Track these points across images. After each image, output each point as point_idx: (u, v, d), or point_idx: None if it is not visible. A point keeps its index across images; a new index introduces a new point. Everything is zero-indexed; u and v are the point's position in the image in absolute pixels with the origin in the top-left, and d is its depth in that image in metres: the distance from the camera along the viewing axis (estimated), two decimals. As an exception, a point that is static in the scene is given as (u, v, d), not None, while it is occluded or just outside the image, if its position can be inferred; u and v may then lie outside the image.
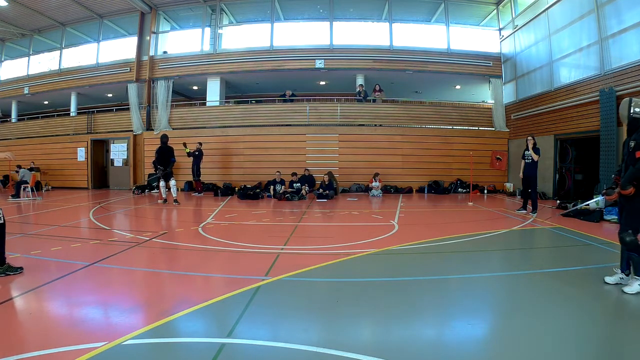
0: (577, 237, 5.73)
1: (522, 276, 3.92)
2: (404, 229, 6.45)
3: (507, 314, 3.02)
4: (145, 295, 3.37)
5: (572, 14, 10.38)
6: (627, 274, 3.51)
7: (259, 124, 14.21)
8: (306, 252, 4.80)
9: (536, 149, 8.09)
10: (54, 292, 3.35)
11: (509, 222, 7.16)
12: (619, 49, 8.85)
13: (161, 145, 10.14)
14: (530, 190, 8.21)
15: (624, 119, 3.58)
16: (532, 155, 8.03)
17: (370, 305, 3.13)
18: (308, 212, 8.76)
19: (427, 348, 2.44)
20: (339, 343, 2.40)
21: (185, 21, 16.23)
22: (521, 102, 13.18)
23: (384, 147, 13.46)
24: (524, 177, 8.24)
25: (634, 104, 3.50)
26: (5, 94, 17.51)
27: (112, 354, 2.23)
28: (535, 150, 8.07)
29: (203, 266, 4.37)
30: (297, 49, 14.51)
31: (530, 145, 8.10)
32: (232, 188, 12.68)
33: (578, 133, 10.38)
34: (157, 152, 10.09)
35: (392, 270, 4.11)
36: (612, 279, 3.59)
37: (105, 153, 16.00)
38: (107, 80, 15.64)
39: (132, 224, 7.43)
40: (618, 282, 3.54)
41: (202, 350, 2.33)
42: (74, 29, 16.49)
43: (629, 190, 3.37)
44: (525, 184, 8.36)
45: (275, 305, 3.07)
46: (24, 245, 5.11)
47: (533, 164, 8.05)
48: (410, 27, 15.20)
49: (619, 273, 3.58)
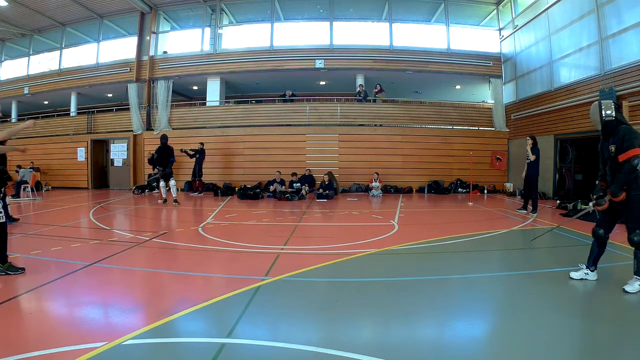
0: (577, 237, 5.73)
1: (522, 276, 3.92)
2: (404, 229, 6.45)
3: (507, 314, 3.02)
4: (145, 295, 3.37)
5: (572, 14, 10.37)
6: (592, 270, 3.65)
7: (259, 124, 14.20)
8: (306, 252, 4.80)
9: (535, 149, 8.11)
10: (54, 292, 3.35)
11: (509, 222, 7.16)
12: (619, 49, 8.85)
13: (160, 146, 10.14)
14: (531, 190, 8.24)
15: (597, 123, 3.59)
16: (529, 156, 8.12)
17: (370, 305, 3.13)
18: (308, 212, 8.76)
19: (427, 348, 2.44)
20: (339, 343, 2.40)
21: (185, 21, 16.23)
22: (521, 102, 13.18)
23: (384, 147, 13.45)
24: (525, 177, 8.27)
25: (604, 107, 3.49)
26: (5, 94, 17.50)
27: (112, 354, 2.23)
28: (534, 150, 8.10)
29: (203, 266, 4.37)
30: (297, 49, 14.51)
31: (529, 146, 8.16)
32: (232, 188, 12.68)
33: (578, 133, 10.38)
34: (157, 152, 10.13)
35: (392, 270, 4.11)
36: (577, 274, 3.70)
37: (105, 153, 15.99)
38: (107, 80, 15.64)
39: (132, 224, 7.43)
40: (583, 278, 3.65)
41: (202, 350, 2.33)
42: (74, 29, 16.49)
43: (620, 196, 3.38)
44: (525, 184, 8.40)
45: (275, 305, 3.07)
46: (24, 245, 5.11)
47: (532, 164, 8.10)
48: (410, 27, 15.20)
49: (584, 269, 3.69)
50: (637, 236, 3.31)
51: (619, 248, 5.09)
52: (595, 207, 3.70)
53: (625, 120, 3.49)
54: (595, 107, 3.57)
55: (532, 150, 8.09)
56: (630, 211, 3.42)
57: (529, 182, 8.21)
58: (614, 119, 3.43)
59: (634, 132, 3.33)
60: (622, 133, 3.34)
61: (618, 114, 3.47)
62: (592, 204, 3.79)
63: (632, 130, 3.36)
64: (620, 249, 5.03)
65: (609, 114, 3.44)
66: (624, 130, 3.34)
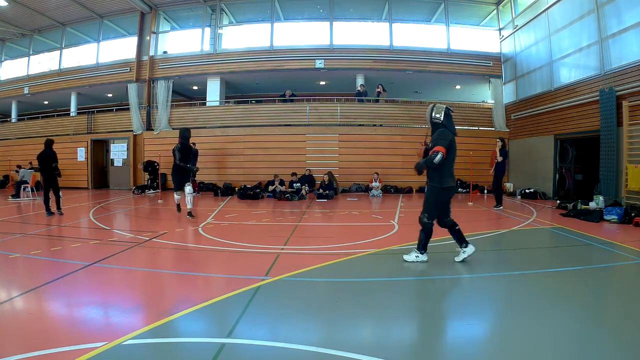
0: (577, 237, 5.73)
1: (522, 276, 3.92)
2: (404, 229, 6.45)
3: (506, 314, 3.02)
4: (145, 295, 3.37)
5: (572, 14, 10.37)
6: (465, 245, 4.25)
7: (259, 124, 14.20)
8: (306, 252, 4.79)
9: (503, 151, 8.92)
10: (54, 292, 3.35)
11: (508, 222, 7.16)
12: (619, 49, 8.85)
13: (182, 141, 7.57)
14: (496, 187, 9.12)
15: (428, 122, 4.23)
16: (497, 157, 8.95)
17: (370, 305, 3.12)
18: (308, 212, 8.76)
19: (427, 348, 2.44)
20: (339, 343, 2.40)
21: (185, 21, 16.23)
22: (521, 102, 13.18)
23: (384, 147, 13.44)
24: (494, 176, 9.13)
25: (435, 110, 4.13)
26: (5, 94, 17.51)
27: (112, 354, 2.23)
28: (502, 152, 8.90)
29: (203, 266, 4.37)
30: (297, 49, 14.51)
31: (497, 147, 8.96)
32: (232, 188, 12.68)
33: (578, 133, 10.38)
34: (179, 150, 7.50)
35: (392, 270, 4.10)
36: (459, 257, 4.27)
37: (105, 153, 16.00)
38: (107, 80, 15.64)
39: (132, 224, 7.43)
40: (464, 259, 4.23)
41: (202, 350, 2.33)
42: (74, 29, 16.49)
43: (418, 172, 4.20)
44: (493, 182, 9.30)
45: (275, 305, 3.07)
46: (24, 245, 5.11)
47: (500, 164, 8.94)
48: (410, 27, 15.20)
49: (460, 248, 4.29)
50: (425, 219, 4.18)
51: (619, 248, 5.09)
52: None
53: (448, 125, 4.11)
54: (429, 108, 4.20)
55: (500, 151, 8.88)
56: (426, 197, 4.28)
57: (497, 180, 9.06)
58: (440, 121, 4.10)
59: (444, 135, 4.02)
60: (437, 134, 4.06)
61: (446, 119, 4.11)
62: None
63: (446, 133, 4.04)
64: (620, 249, 5.04)
65: (437, 117, 4.11)
66: (439, 132, 4.06)
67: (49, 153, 7.79)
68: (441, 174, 4.07)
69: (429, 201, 4.22)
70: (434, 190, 4.16)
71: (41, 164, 7.81)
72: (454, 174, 4.21)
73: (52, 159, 7.78)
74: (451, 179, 4.14)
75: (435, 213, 4.22)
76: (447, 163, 4.03)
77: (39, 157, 7.84)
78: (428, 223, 4.16)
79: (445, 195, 4.19)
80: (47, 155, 7.77)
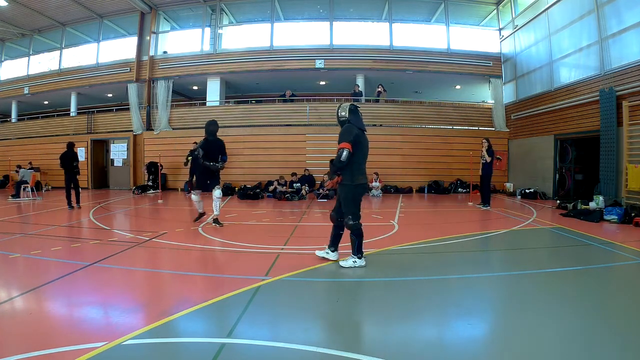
0: (577, 237, 5.73)
1: (522, 276, 3.92)
2: (404, 229, 6.45)
3: (507, 314, 3.02)
4: (145, 295, 3.37)
5: (572, 14, 10.38)
6: (332, 250, 4.25)
7: (259, 124, 14.20)
8: (306, 252, 4.79)
9: (490, 151, 9.00)
10: (54, 292, 3.35)
11: (508, 222, 7.16)
12: (619, 49, 8.85)
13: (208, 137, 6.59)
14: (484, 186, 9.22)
15: (337, 120, 4.25)
16: (485, 157, 9.01)
17: (370, 305, 3.12)
18: (308, 212, 8.76)
19: (427, 348, 2.44)
20: (339, 343, 2.40)
21: (185, 21, 16.23)
22: (521, 102, 13.18)
23: (384, 147, 13.43)
24: (481, 176, 9.24)
25: (340, 109, 4.19)
26: (5, 94, 17.50)
27: (112, 354, 2.23)
28: (489, 152, 8.98)
29: (203, 266, 4.37)
30: (297, 49, 14.51)
31: (484, 148, 9.05)
32: (232, 188, 12.67)
33: (578, 133, 10.38)
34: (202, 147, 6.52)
35: (392, 270, 4.10)
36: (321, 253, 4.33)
37: (105, 153, 15.99)
38: (107, 80, 15.64)
39: (132, 224, 7.43)
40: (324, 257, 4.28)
41: (202, 350, 2.33)
42: (74, 29, 16.49)
43: (335, 179, 4.11)
44: (481, 181, 9.37)
45: (275, 305, 3.07)
46: (24, 245, 5.11)
47: (487, 164, 9.05)
48: (410, 27, 15.20)
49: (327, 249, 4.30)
50: (350, 221, 4.00)
51: (619, 248, 5.10)
52: (325, 186, 4.18)
53: (354, 121, 4.08)
54: (337, 107, 4.27)
55: (487, 152, 8.97)
56: (343, 199, 4.09)
57: (484, 180, 9.17)
58: (345, 119, 4.11)
59: (348, 131, 3.98)
60: (342, 130, 4.05)
61: (352, 115, 4.11)
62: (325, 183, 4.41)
63: (351, 128, 4.00)
64: (620, 249, 5.04)
65: (343, 115, 4.15)
66: (344, 128, 4.05)
67: (71, 154, 8.86)
68: (352, 171, 3.97)
69: (348, 201, 4.03)
70: (347, 189, 4.02)
71: (64, 163, 8.78)
72: (365, 172, 4.13)
73: (73, 159, 8.86)
74: (362, 176, 4.05)
75: (358, 211, 4.06)
76: (356, 159, 3.96)
77: (61, 156, 8.83)
78: (355, 224, 4.00)
79: (359, 192, 4.06)
80: (69, 155, 8.83)
